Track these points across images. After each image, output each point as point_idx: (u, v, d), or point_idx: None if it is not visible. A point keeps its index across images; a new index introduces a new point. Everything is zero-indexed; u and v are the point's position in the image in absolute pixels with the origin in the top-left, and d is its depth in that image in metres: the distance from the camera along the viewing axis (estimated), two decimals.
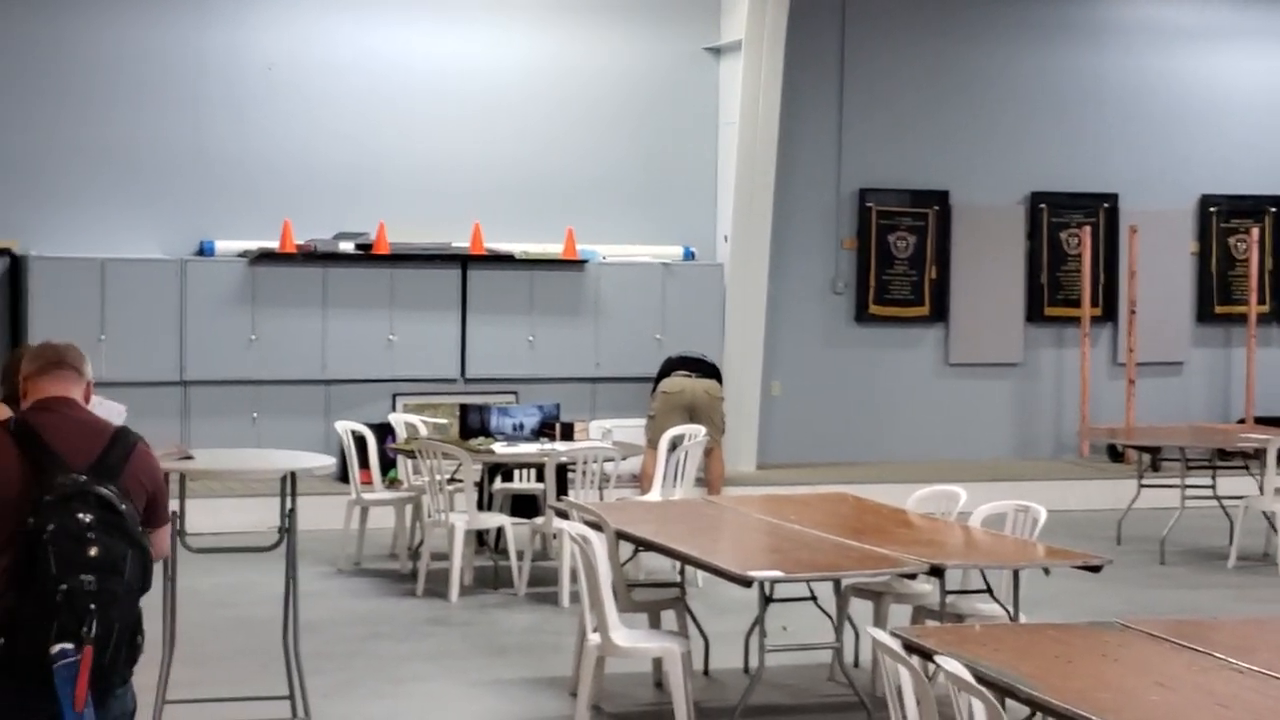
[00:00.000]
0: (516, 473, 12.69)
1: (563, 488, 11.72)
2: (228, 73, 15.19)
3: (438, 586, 11.38)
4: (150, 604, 7.48)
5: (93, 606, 4.83)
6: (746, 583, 7.62)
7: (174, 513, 7.35)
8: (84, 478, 4.96)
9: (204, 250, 14.91)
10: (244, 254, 14.81)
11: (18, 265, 14.54)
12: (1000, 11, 17.35)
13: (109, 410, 5.93)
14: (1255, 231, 17.76)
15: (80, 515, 4.88)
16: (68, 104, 14.78)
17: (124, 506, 4.99)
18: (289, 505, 7.48)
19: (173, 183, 15.02)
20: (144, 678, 7.61)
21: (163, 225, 14.97)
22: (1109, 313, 17.71)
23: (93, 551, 4.85)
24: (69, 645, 4.82)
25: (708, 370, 14.25)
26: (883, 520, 9.11)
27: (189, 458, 7.49)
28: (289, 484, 7.50)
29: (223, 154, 15.15)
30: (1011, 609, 8.15)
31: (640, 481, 13.80)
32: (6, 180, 14.63)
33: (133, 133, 14.93)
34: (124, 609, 4.95)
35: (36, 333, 13.14)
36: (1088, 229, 17.46)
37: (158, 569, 7.24)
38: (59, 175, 14.76)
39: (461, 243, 15.24)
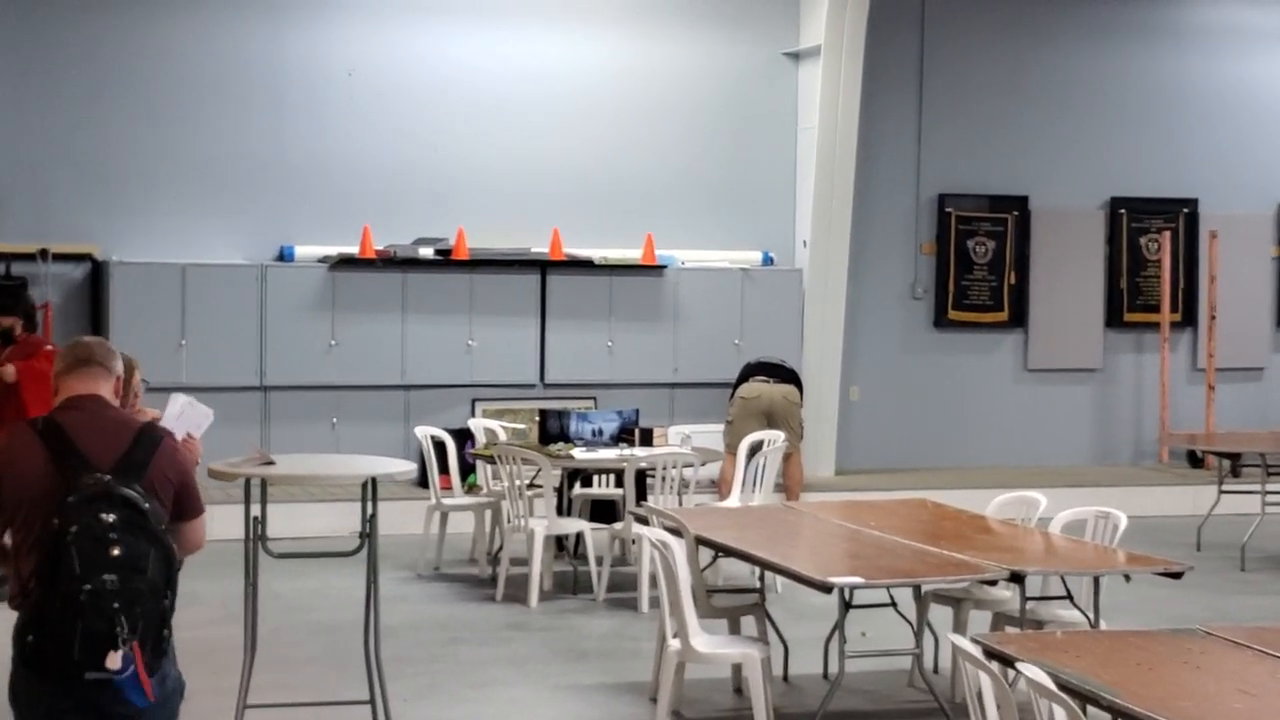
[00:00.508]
0: (595, 478, 12.70)
1: (642, 493, 11.74)
2: (308, 79, 15.29)
3: (517, 591, 11.41)
4: (231, 608, 7.56)
5: (117, 605, 4.88)
6: (826, 588, 7.62)
7: (255, 518, 7.41)
8: (108, 478, 5.00)
9: (284, 255, 15.00)
10: (324, 259, 14.89)
11: (99, 270, 14.66)
12: (1080, 15, 17.25)
13: (198, 414, 5.95)
14: None
15: (103, 515, 4.92)
16: (148, 110, 14.90)
17: (148, 505, 5.02)
18: (370, 510, 7.50)
19: (253, 188, 15.12)
20: (225, 681, 7.72)
21: (243, 230, 15.07)
22: (1189, 318, 17.61)
23: (115, 551, 4.90)
24: (117, 654, 4.89)
25: (786, 375, 14.22)
26: (962, 526, 9.09)
27: (271, 463, 7.52)
28: (370, 489, 7.53)
29: (303, 160, 15.24)
30: (1092, 615, 8.12)
31: (719, 487, 13.80)
32: (88, 186, 14.76)
33: (213, 138, 15.04)
34: (148, 607, 4.97)
35: (117, 338, 13.19)
36: (1167, 234, 17.36)
37: (236, 570, 7.35)
38: (140, 181, 14.88)
39: (541, 248, 15.28)
